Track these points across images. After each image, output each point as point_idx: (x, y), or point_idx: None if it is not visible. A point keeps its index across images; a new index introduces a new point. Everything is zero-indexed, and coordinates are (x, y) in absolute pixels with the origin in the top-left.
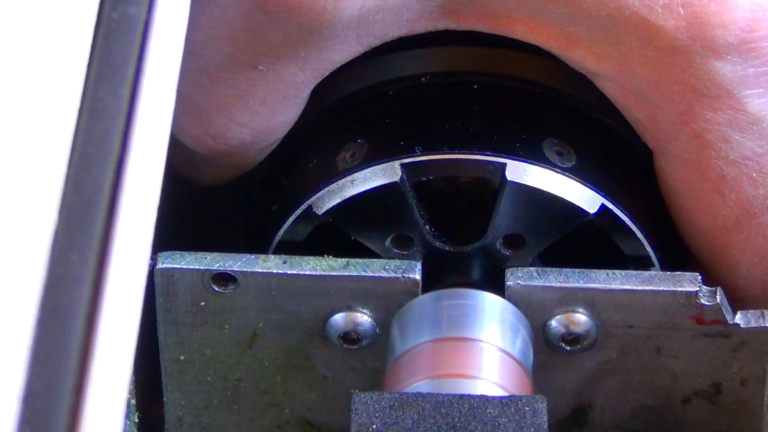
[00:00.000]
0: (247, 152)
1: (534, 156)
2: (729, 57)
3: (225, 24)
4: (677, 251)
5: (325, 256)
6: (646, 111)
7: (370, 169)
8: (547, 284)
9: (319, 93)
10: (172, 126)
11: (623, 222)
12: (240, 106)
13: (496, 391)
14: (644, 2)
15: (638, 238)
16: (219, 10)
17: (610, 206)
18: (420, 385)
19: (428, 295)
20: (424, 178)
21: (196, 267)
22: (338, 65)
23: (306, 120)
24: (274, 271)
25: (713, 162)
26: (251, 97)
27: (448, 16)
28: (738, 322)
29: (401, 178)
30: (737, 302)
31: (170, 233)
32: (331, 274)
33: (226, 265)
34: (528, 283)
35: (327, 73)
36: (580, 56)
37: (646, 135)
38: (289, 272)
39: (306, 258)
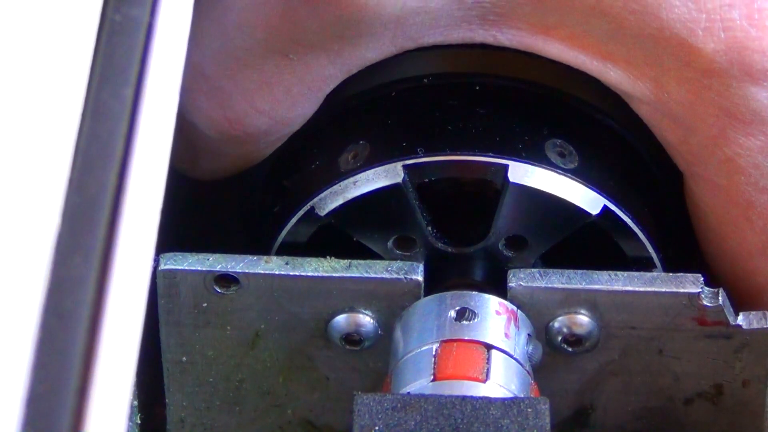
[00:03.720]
0: (258, 142)
1: (536, 157)
2: (766, 83)
3: (262, 9)
4: (679, 252)
5: (328, 257)
6: (678, 133)
7: (372, 171)
8: (550, 285)
9: None
10: (187, 107)
11: (625, 223)
12: (264, 93)
13: (498, 393)
14: (686, 24)
15: (640, 240)
16: None
17: (613, 208)
18: (423, 386)
19: (431, 297)
20: (426, 180)
21: (199, 268)
22: (368, 63)
23: (308, 121)
24: (276, 272)
25: (743, 187)
26: (277, 85)
27: (486, 28)
28: (740, 323)
29: (403, 180)
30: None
31: (172, 234)
32: (334, 275)
33: (229, 266)
34: (530, 284)
35: (355, 70)
36: (616, 76)
37: (677, 157)
38: (291, 273)
39: (308, 259)
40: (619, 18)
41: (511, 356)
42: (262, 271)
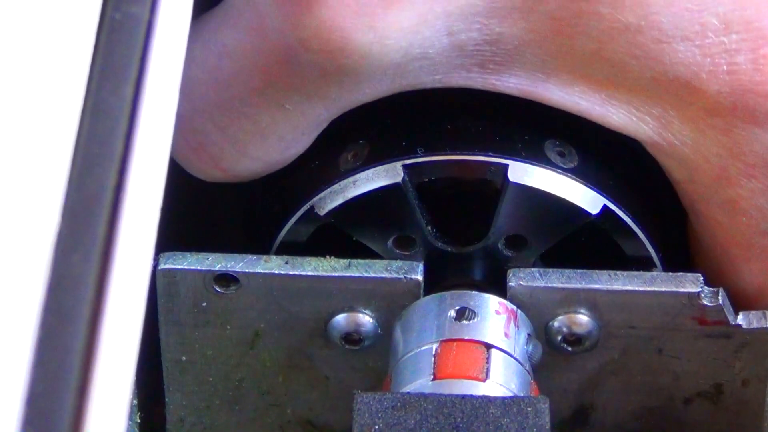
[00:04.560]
0: (254, 178)
1: (536, 157)
2: None
3: (261, 56)
4: (679, 252)
5: (327, 256)
6: (683, 173)
7: (372, 170)
8: (549, 285)
9: None
10: (176, 157)
11: (625, 223)
12: (257, 142)
13: (498, 392)
14: (689, 68)
15: (640, 239)
16: (256, 40)
17: (612, 207)
18: (422, 385)
19: (431, 297)
20: (426, 179)
21: (198, 268)
22: (360, 104)
23: None
24: (276, 271)
25: (744, 229)
26: (271, 135)
27: (485, 76)
28: (740, 322)
29: (403, 179)
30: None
31: (172, 233)
32: (333, 274)
33: (228, 265)
34: (530, 284)
35: (347, 110)
36: (619, 120)
37: (682, 195)
38: (291, 273)
39: (308, 259)
40: (621, 63)
41: (511, 355)
42: (262, 271)
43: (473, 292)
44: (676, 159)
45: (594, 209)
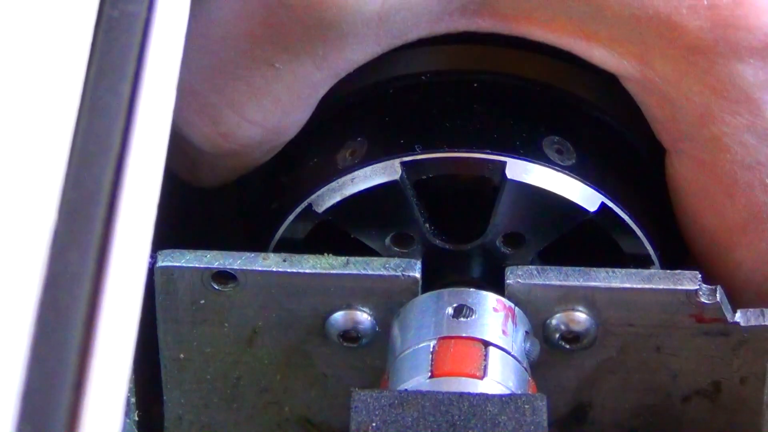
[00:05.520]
0: (254, 152)
1: (534, 154)
2: (751, 61)
3: (244, 19)
4: (677, 249)
5: (325, 254)
6: (666, 110)
7: (370, 168)
8: (547, 282)
9: None
10: (180, 124)
11: (623, 220)
12: (254, 104)
13: (496, 390)
14: (669, 3)
15: (638, 237)
16: (238, 5)
17: (610, 204)
18: (420, 383)
19: (429, 294)
20: (424, 177)
21: (196, 265)
22: (355, 66)
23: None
24: (274, 269)
25: (727, 165)
26: (266, 96)
27: (468, 17)
28: (738, 320)
29: (401, 177)
30: (731, 302)
31: (170, 231)
32: (331, 272)
33: (226, 263)
34: (528, 281)
35: (343, 74)
36: (601, 56)
37: (662, 134)
38: (289, 270)
39: (306, 256)
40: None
41: (509, 353)
42: (260, 268)
43: (471, 289)
44: (658, 97)
45: (592, 207)
